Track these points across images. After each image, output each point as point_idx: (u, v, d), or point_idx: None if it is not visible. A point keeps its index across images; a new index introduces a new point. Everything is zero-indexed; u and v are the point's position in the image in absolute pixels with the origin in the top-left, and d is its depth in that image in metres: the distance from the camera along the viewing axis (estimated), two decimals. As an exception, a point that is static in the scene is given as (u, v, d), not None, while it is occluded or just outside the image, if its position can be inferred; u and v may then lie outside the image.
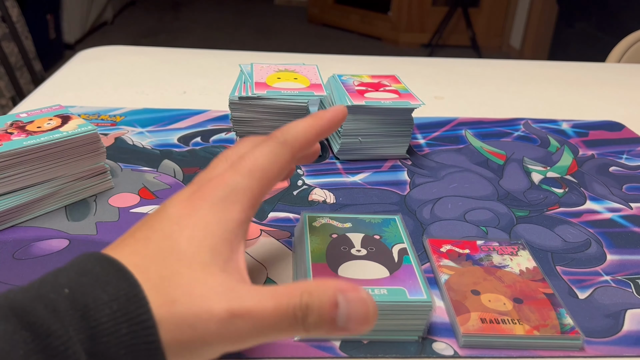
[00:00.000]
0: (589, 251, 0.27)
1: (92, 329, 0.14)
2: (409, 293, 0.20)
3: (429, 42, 2.19)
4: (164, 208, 0.18)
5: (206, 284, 0.16)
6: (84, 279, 0.15)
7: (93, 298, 0.14)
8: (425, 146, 0.38)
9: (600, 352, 0.21)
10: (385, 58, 0.59)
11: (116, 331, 0.14)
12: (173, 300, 0.15)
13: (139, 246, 0.17)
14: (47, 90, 0.45)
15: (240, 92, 0.33)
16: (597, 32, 1.72)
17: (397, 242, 0.23)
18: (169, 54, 0.56)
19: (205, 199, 0.17)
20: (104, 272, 0.15)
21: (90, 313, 0.14)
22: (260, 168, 0.18)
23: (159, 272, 0.16)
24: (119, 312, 0.14)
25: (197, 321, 0.15)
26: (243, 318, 0.15)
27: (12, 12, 1.34)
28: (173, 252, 0.16)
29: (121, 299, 0.14)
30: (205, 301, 0.15)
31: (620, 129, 0.42)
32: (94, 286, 0.14)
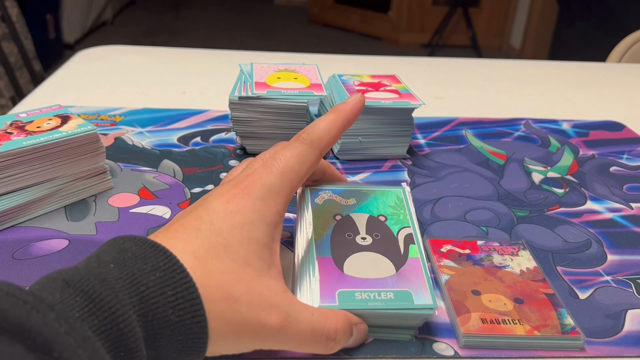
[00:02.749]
0: (589, 251, 0.27)
1: (142, 293, 0.15)
2: (415, 297, 0.19)
3: (429, 42, 2.19)
4: (207, 201, 0.19)
5: (262, 293, 0.17)
6: (125, 255, 0.16)
7: (138, 269, 0.16)
8: (426, 146, 0.38)
9: (600, 352, 0.21)
10: (385, 58, 0.59)
11: (163, 293, 0.15)
12: (235, 299, 0.17)
13: (190, 235, 0.18)
14: (46, 90, 0.45)
15: (240, 92, 0.33)
16: (597, 32, 1.72)
17: (403, 226, 0.22)
18: (168, 53, 0.56)
19: (245, 198, 0.18)
20: (141, 250, 0.16)
21: (137, 280, 0.15)
22: (290, 169, 0.19)
23: (216, 266, 0.17)
24: (162, 278, 0.15)
25: (256, 325, 0.17)
26: (291, 330, 0.17)
27: (12, 12, 1.34)
28: (227, 251, 0.17)
29: (161, 269, 0.16)
30: (264, 309, 0.17)
31: (620, 129, 0.42)
32: (135, 260, 0.16)
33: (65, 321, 0.13)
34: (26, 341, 0.12)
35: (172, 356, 0.16)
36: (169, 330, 0.15)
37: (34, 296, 0.13)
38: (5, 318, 0.12)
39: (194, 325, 0.16)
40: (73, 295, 0.14)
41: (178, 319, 0.15)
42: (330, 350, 0.19)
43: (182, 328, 0.15)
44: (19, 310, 0.13)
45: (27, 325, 0.12)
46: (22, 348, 0.12)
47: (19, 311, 0.13)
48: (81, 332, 0.13)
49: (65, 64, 0.52)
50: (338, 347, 0.19)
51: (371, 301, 0.19)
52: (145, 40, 2.15)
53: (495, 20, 2.25)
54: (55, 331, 0.13)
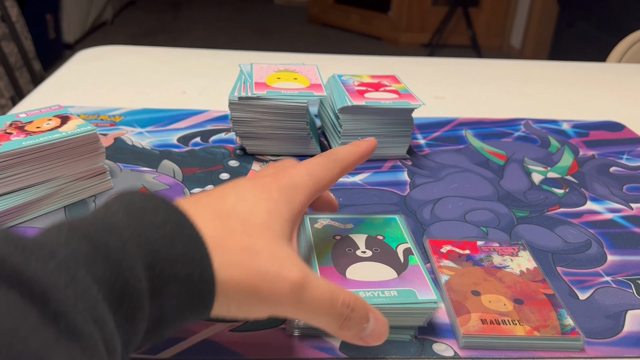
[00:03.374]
0: (589, 252, 0.27)
1: (151, 245, 0.15)
2: (418, 294, 0.20)
3: (429, 42, 2.19)
4: (234, 187, 0.19)
5: (283, 250, 0.17)
6: (134, 207, 0.16)
7: (148, 221, 0.15)
8: (426, 146, 0.38)
9: (600, 352, 0.21)
10: (385, 58, 0.59)
11: (172, 248, 0.15)
12: (256, 251, 0.16)
13: (215, 200, 0.18)
14: (46, 90, 0.45)
15: (240, 92, 0.33)
16: (597, 32, 1.72)
17: (400, 242, 0.23)
18: (168, 53, 0.56)
19: (274, 183, 0.19)
20: (151, 203, 0.16)
21: (146, 231, 0.15)
22: (316, 173, 0.20)
23: (238, 226, 0.17)
24: (172, 232, 0.15)
25: (276, 278, 0.16)
26: (309, 291, 0.17)
27: (12, 12, 1.34)
28: (252, 215, 0.17)
29: (172, 223, 0.15)
30: (285, 263, 0.17)
31: (620, 129, 0.42)
32: (145, 213, 0.15)
33: (66, 271, 0.12)
34: (23, 290, 0.12)
35: (177, 312, 0.15)
36: (175, 286, 0.15)
37: (34, 242, 0.13)
38: (3, 264, 0.12)
39: (202, 283, 0.15)
40: (77, 241, 0.13)
41: (186, 275, 0.15)
42: (344, 325, 0.17)
43: (188, 285, 0.15)
44: (18, 257, 0.12)
45: (25, 274, 0.12)
46: (18, 297, 0.11)
47: (17, 258, 0.12)
48: (82, 284, 0.12)
49: (65, 64, 0.52)
50: (353, 326, 0.17)
51: (375, 298, 0.19)
52: (145, 40, 2.15)
53: (495, 20, 2.25)
54: (54, 282, 0.12)
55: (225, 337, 0.21)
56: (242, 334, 0.21)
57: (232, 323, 0.21)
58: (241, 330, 0.21)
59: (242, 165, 0.34)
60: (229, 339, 0.20)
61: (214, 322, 0.21)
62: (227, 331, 0.21)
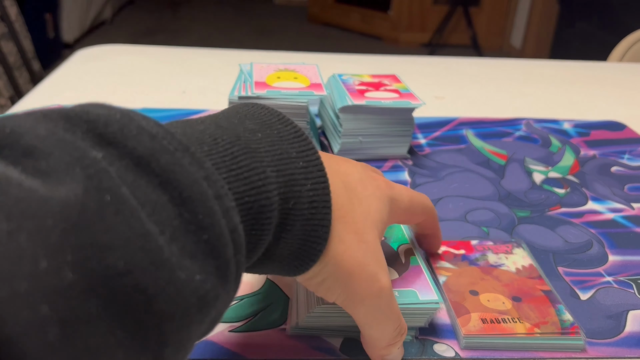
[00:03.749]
0: (590, 252, 0.27)
1: (288, 176, 0.14)
2: (419, 294, 0.20)
3: (429, 42, 2.19)
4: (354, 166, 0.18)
5: (382, 253, 0.17)
6: (272, 131, 0.15)
7: (285, 150, 0.15)
8: (426, 146, 0.38)
9: (602, 353, 0.21)
10: (385, 57, 0.59)
11: (304, 185, 0.14)
12: (364, 240, 0.16)
13: (343, 172, 0.18)
14: (45, 89, 0.45)
15: (239, 92, 0.33)
16: (598, 31, 1.72)
17: (402, 243, 0.23)
18: (168, 53, 0.56)
19: (386, 189, 0.18)
20: (286, 130, 0.15)
21: (285, 162, 0.14)
22: (414, 204, 0.20)
23: (357, 207, 0.17)
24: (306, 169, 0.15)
25: (371, 276, 0.16)
26: (384, 300, 0.17)
27: (11, 11, 1.33)
28: (368, 207, 0.17)
29: (305, 159, 0.15)
30: (380, 267, 0.17)
31: (621, 129, 0.42)
32: (282, 140, 0.15)
33: (214, 184, 0.12)
34: (173, 192, 0.11)
35: (284, 254, 0.15)
36: (299, 224, 0.14)
37: (184, 146, 0.12)
38: (158, 161, 0.11)
39: (320, 228, 0.15)
40: (221, 154, 0.13)
41: (310, 215, 0.15)
42: (387, 348, 0.18)
43: (308, 227, 0.15)
44: (171, 157, 0.11)
45: (178, 176, 0.11)
46: (167, 198, 0.11)
47: (171, 158, 0.11)
48: (226, 200, 0.12)
49: (64, 64, 0.52)
50: (389, 351, 0.18)
51: None
52: (145, 40, 2.15)
53: (495, 20, 2.25)
54: (204, 192, 0.11)
55: (225, 337, 0.20)
56: (242, 334, 0.21)
57: (232, 324, 0.21)
58: (241, 331, 0.21)
59: (242, 165, 0.34)
60: (228, 340, 0.20)
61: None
62: (226, 332, 0.21)
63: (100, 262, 0.09)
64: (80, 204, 0.10)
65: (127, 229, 0.10)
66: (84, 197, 0.10)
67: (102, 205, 0.10)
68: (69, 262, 0.09)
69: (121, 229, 0.10)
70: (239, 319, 0.21)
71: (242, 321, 0.21)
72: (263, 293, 0.23)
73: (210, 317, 0.12)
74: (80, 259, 0.09)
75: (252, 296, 0.23)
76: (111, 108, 0.12)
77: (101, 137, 0.11)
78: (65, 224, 0.09)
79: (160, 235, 0.11)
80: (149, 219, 0.11)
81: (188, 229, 0.11)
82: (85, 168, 0.10)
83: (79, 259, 0.09)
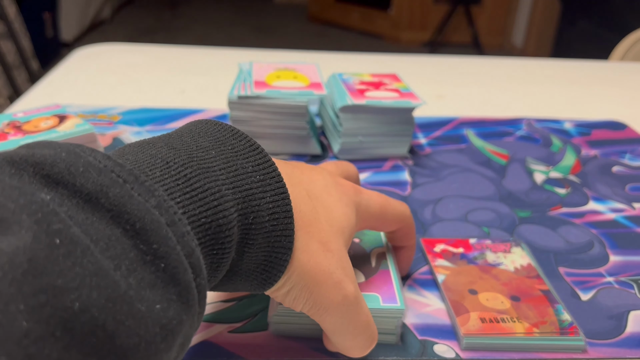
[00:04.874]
0: (591, 252, 0.27)
1: (245, 192, 0.14)
2: (382, 300, 0.20)
3: (430, 40, 2.18)
4: (320, 171, 0.18)
5: (348, 261, 0.17)
6: (225, 147, 0.15)
7: (240, 165, 0.15)
8: (427, 146, 0.37)
9: (603, 354, 0.21)
10: (386, 56, 0.59)
11: (263, 197, 0.15)
12: (330, 249, 0.16)
13: (306, 181, 0.17)
14: (44, 89, 0.45)
15: (239, 91, 0.33)
16: (599, 30, 1.71)
17: (376, 246, 0.23)
18: (167, 52, 0.56)
19: (353, 195, 0.18)
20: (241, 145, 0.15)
21: (240, 177, 0.14)
22: (387, 210, 0.20)
23: (322, 216, 0.17)
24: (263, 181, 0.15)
25: (337, 284, 0.16)
26: (352, 310, 0.17)
27: (9, 11, 1.33)
28: (333, 213, 0.17)
29: (262, 172, 0.15)
30: (347, 275, 0.16)
31: (623, 129, 0.42)
32: (237, 156, 0.15)
33: (166, 211, 0.12)
34: (125, 225, 0.11)
35: (251, 268, 0.15)
36: (261, 238, 0.14)
37: (134, 176, 0.12)
38: (106, 196, 0.11)
39: (284, 238, 0.15)
40: (174, 177, 0.13)
41: (272, 227, 0.15)
42: (362, 354, 0.18)
43: (272, 239, 0.15)
44: (120, 190, 0.11)
45: (128, 208, 0.11)
46: (120, 232, 0.11)
47: (120, 191, 0.11)
48: (180, 226, 0.12)
49: (63, 63, 0.52)
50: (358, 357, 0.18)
51: None
52: (144, 39, 2.15)
53: (497, 18, 2.24)
54: (156, 220, 0.12)
55: (224, 338, 0.20)
56: (242, 335, 0.21)
57: (231, 324, 0.21)
58: (241, 332, 0.21)
59: (241, 165, 0.34)
60: (228, 341, 0.20)
61: (213, 323, 0.21)
62: (226, 332, 0.21)
63: (56, 306, 0.09)
64: (29, 250, 0.10)
65: (80, 269, 0.10)
66: (33, 244, 0.10)
67: (52, 248, 0.10)
68: (22, 311, 0.09)
69: (74, 270, 0.10)
70: (238, 319, 0.21)
71: (242, 322, 0.21)
72: (262, 293, 0.23)
73: (177, 343, 0.12)
74: (34, 306, 0.09)
75: (251, 297, 0.23)
76: (57, 147, 0.12)
77: (49, 178, 0.11)
78: (14, 273, 0.09)
79: (116, 270, 0.11)
80: (103, 255, 0.11)
81: (145, 260, 0.11)
82: (33, 213, 0.10)
83: (33, 306, 0.09)
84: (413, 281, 0.24)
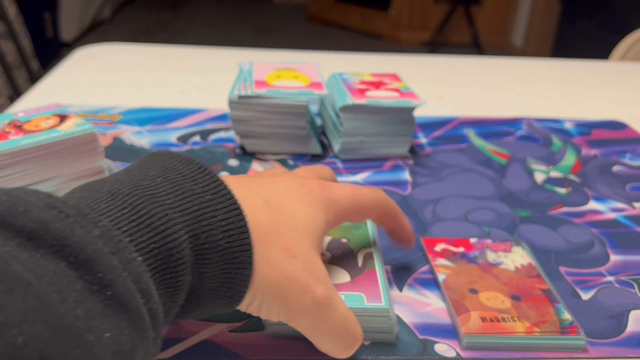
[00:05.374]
0: (592, 251, 0.27)
1: (194, 213, 0.14)
2: (366, 299, 0.20)
3: (430, 40, 2.18)
4: (281, 178, 0.18)
5: (317, 262, 0.17)
6: (172, 173, 0.15)
7: (188, 188, 0.15)
8: (427, 145, 0.37)
9: (603, 353, 0.21)
10: (386, 56, 0.59)
11: (214, 217, 0.15)
12: (294, 254, 0.16)
13: (265, 190, 0.17)
14: (44, 88, 0.45)
15: (239, 91, 0.33)
16: (600, 30, 1.72)
17: (364, 247, 0.23)
18: (167, 52, 0.56)
19: (320, 192, 0.18)
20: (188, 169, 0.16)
21: (188, 199, 0.15)
22: (361, 200, 0.20)
23: (282, 220, 0.17)
24: (213, 201, 0.15)
25: (304, 288, 0.16)
26: (325, 313, 0.16)
27: (9, 11, 1.33)
28: (295, 216, 0.17)
29: (211, 191, 0.15)
30: (316, 277, 0.16)
31: (623, 128, 0.42)
32: (184, 179, 0.15)
33: (110, 240, 0.12)
34: (69, 258, 0.11)
35: (213, 287, 0.15)
36: (217, 256, 0.15)
37: (77, 210, 0.12)
38: (48, 231, 0.12)
39: (241, 253, 0.15)
40: (120, 207, 0.13)
41: (227, 244, 0.15)
42: (345, 355, 0.18)
43: (228, 255, 0.15)
44: (61, 224, 0.12)
45: (70, 241, 0.12)
46: (64, 265, 0.11)
47: (61, 225, 0.12)
48: (126, 253, 0.12)
49: (63, 63, 0.52)
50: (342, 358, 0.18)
51: None
52: (144, 39, 2.15)
53: (496, 18, 2.24)
54: (99, 250, 0.12)
55: (225, 337, 0.20)
56: (242, 334, 0.21)
57: (232, 324, 0.21)
58: (241, 331, 0.21)
59: (241, 165, 0.34)
60: (228, 340, 0.20)
61: (213, 323, 0.21)
62: (226, 332, 0.21)
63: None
64: None
65: (22, 304, 0.10)
66: None
67: None
68: None
69: (16, 305, 0.10)
70: (239, 319, 0.21)
71: (242, 321, 0.21)
72: None
73: None
74: None
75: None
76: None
77: None
78: None
79: (62, 303, 0.11)
80: (48, 290, 0.11)
81: (92, 290, 0.11)
82: None
83: None
84: (413, 280, 0.24)
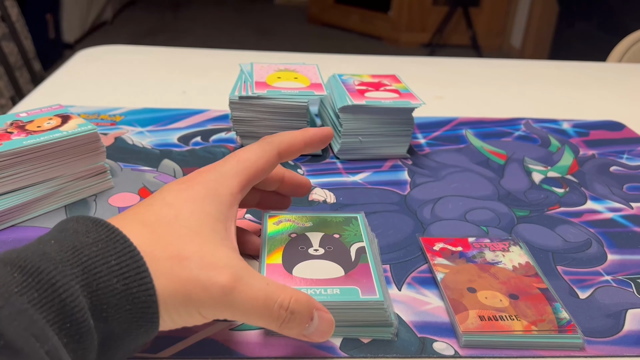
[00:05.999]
0: (589, 251, 0.27)
1: (84, 263, 0.15)
2: (361, 292, 0.20)
3: (429, 42, 2.19)
4: (160, 192, 0.19)
5: (214, 254, 0.17)
6: (66, 233, 0.16)
7: (79, 241, 0.16)
8: (426, 146, 0.38)
9: (601, 352, 0.21)
10: (385, 57, 0.59)
11: (106, 263, 0.15)
12: (185, 257, 0.16)
13: (141, 209, 0.18)
14: (46, 89, 0.45)
15: (240, 92, 0.33)
16: (597, 31, 1.72)
17: (356, 241, 0.23)
18: (168, 53, 0.56)
19: (198, 179, 0.19)
20: (82, 226, 0.16)
21: (78, 251, 0.15)
22: (246, 159, 0.20)
23: (166, 231, 0.17)
24: (104, 249, 0.16)
25: (206, 282, 0.16)
26: (241, 293, 0.16)
27: (12, 12, 1.34)
28: (178, 219, 0.17)
29: (103, 240, 0.16)
30: (215, 268, 0.16)
31: (620, 129, 0.42)
32: (76, 235, 0.16)
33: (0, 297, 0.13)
34: None
35: (123, 327, 0.15)
36: (116, 299, 0.15)
37: None
38: None
39: (142, 293, 0.15)
40: (10, 272, 0.14)
41: (124, 287, 0.15)
42: (284, 326, 0.17)
43: (129, 297, 0.15)
44: None
45: None
46: None
47: None
48: (16, 305, 0.13)
49: (65, 64, 0.52)
50: (294, 326, 0.17)
51: (318, 295, 0.20)
52: (145, 40, 2.15)
53: (495, 20, 2.25)
54: None
55: (226, 335, 0.21)
56: (243, 332, 0.21)
57: (232, 322, 0.21)
58: (242, 329, 0.21)
59: (242, 165, 0.34)
60: (229, 338, 0.20)
61: (214, 321, 0.21)
62: (227, 330, 0.21)
63: None
64: None
65: None
66: None
67: None
68: None
69: None
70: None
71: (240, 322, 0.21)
72: None
73: None
74: None
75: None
76: None
77: None
78: None
79: None
80: None
81: None
82: None
83: None
84: (412, 279, 0.24)
